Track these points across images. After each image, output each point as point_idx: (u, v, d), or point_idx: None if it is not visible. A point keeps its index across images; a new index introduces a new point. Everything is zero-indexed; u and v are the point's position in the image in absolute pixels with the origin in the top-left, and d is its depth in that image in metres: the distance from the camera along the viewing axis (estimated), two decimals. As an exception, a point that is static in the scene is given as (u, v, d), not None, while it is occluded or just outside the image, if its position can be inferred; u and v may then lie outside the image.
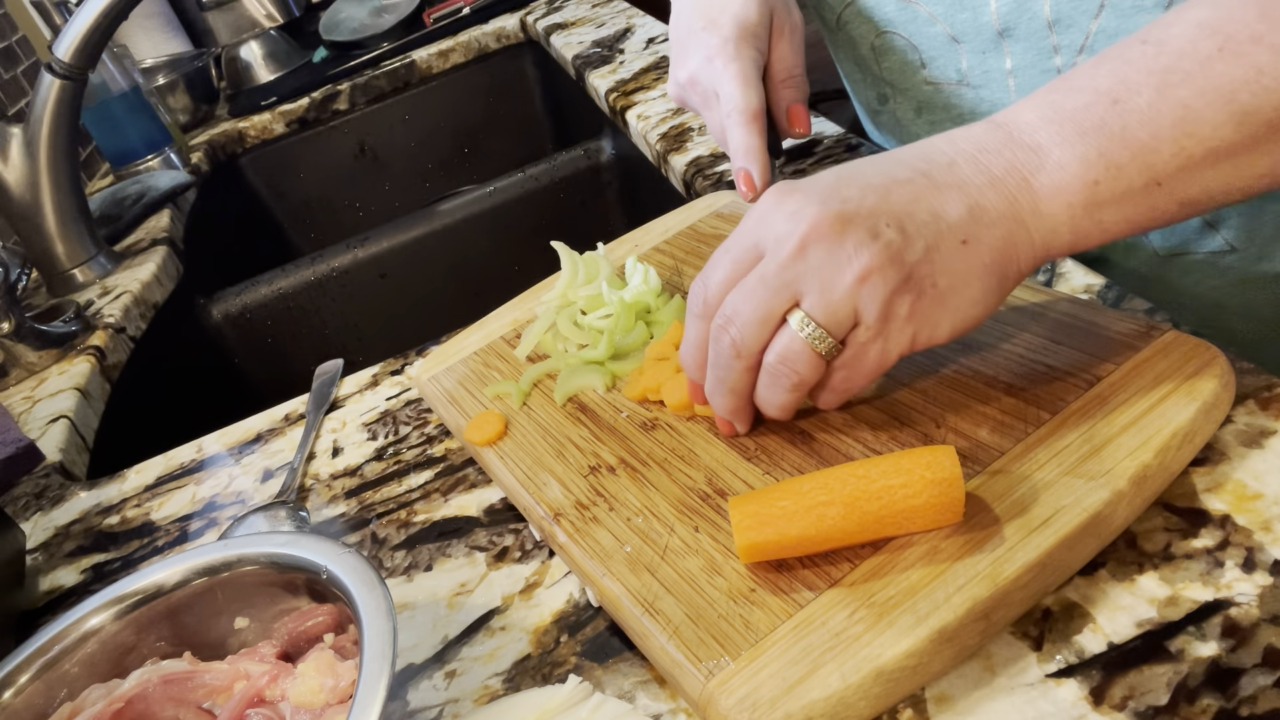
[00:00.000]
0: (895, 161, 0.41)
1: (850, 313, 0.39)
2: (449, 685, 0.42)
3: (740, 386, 0.43)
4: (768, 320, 0.40)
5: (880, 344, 0.40)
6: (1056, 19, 0.55)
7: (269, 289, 1.12)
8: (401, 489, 0.55)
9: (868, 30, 0.66)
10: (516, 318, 0.63)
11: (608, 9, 1.34)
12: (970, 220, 0.39)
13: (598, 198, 1.19)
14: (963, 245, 0.39)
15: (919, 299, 0.39)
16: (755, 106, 0.57)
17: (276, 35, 1.63)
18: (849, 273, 0.38)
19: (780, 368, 0.41)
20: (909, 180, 0.40)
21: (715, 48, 0.59)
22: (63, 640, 0.41)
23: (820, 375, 0.41)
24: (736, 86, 0.57)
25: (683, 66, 0.62)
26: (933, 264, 0.39)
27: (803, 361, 0.40)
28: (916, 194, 0.39)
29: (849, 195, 0.39)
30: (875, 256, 0.38)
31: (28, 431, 0.75)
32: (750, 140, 0.56)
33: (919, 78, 0.65)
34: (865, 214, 0.39)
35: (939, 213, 0.39)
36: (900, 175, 0.40)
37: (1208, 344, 0.41)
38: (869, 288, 0.38)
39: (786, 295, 0.40)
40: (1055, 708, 0.33)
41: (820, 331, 0.39)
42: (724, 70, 0.58)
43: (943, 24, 0.61)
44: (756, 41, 0.60)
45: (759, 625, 0.36)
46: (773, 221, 0.40)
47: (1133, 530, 0.38)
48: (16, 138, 0.95)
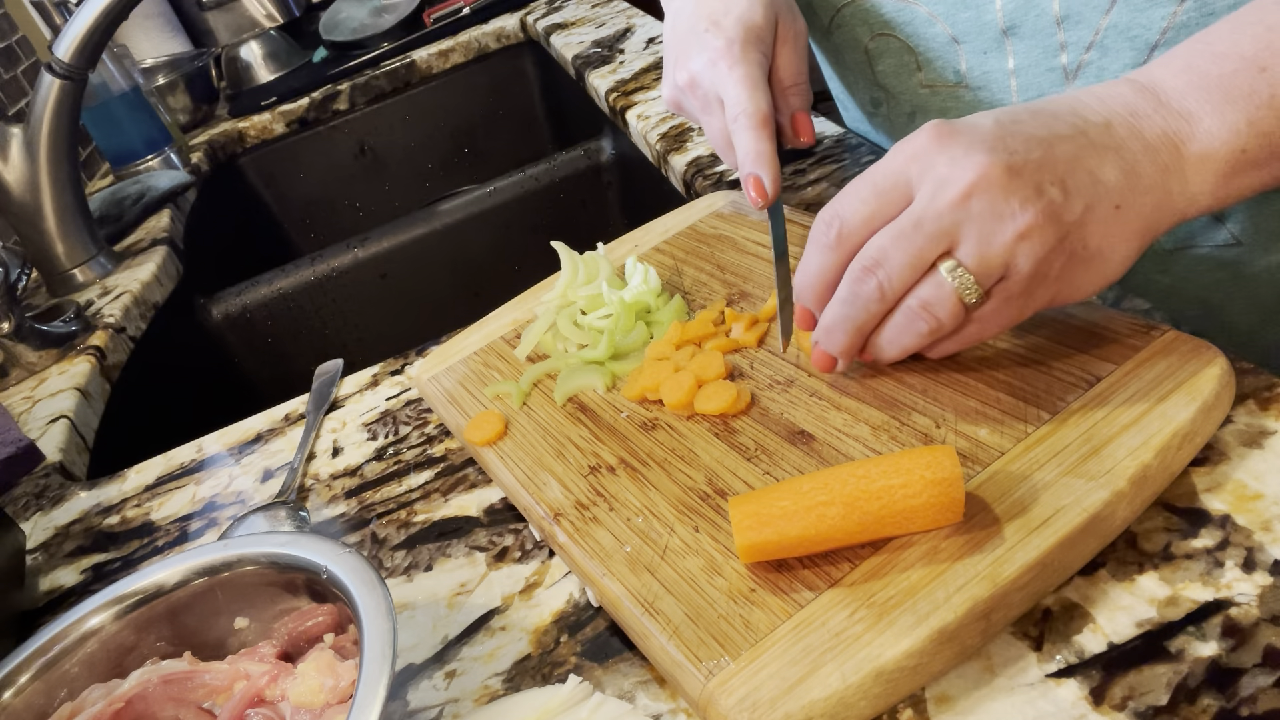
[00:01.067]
0: (1053, 115, 0.40)
1: (1003, 266, 0.39)
2: (449, 685, 0.42)
3: (868, 327, 0.43)
4: (919, 266, 0.40)
5: (1022, 300, 0.40)
6: (1065, 14, 0.55)
7: (269, 289, 1.12)
8: (401, 489, 0.55)
9: (863, 33, 0.66)
10: (516, 318, 0.63)
11: (608, 9, 1.34)
12: (1126, 186, 0.39)
13: (598, 198, 1.19)
14: (1116, 210, 0.39)
15: (1070, 260, 0.39)
16: (765, 111, 0.55)
17: (276, 35, 1.64)
18: (1011, 227, 0.38)
19: (921, 312, 0.41)
20: (1070, 137, 0.39)
21: (719, 50, 0.57)
22: (63, 640, 0.41)
23: (959, 324, 0.41)
24: (744, 90, 0.56)
25: (682, 69, 0.60)
26: (1087, 226, 0.39)
27: (946, 309, 0.40)
28: (1078, 152, 0.39)
29: (1015, 146, 0.39)
30: (1038, 214, 0.38)
31: (28, 431, 0.75)
32: (760, 145, 0.55)
33: (914, 80, 0.65)
34: (1032, 168, 0.38)
35: (1097, 175, 0.39)
36: (1062, 131, 0.40)
37: (1208, 344, 0.41)
38: (1028, 244, 0.38)
39: (943, 242, 0.39)
40: (1055, 708, 0.33)
41: (971, 281, 0.39)
42: (729, 74, 0.56)
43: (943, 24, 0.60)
44: (762, 45, 0.58)
45: (759, 625, 0.36)
46: (933, 162, 0.39)
47: (1133, 530, 0.38)
48: (16, 138, 0.95)
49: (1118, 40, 0.54)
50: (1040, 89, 0.59)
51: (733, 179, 0.76)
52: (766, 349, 0.52)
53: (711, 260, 0.61)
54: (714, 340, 0.53)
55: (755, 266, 0.59)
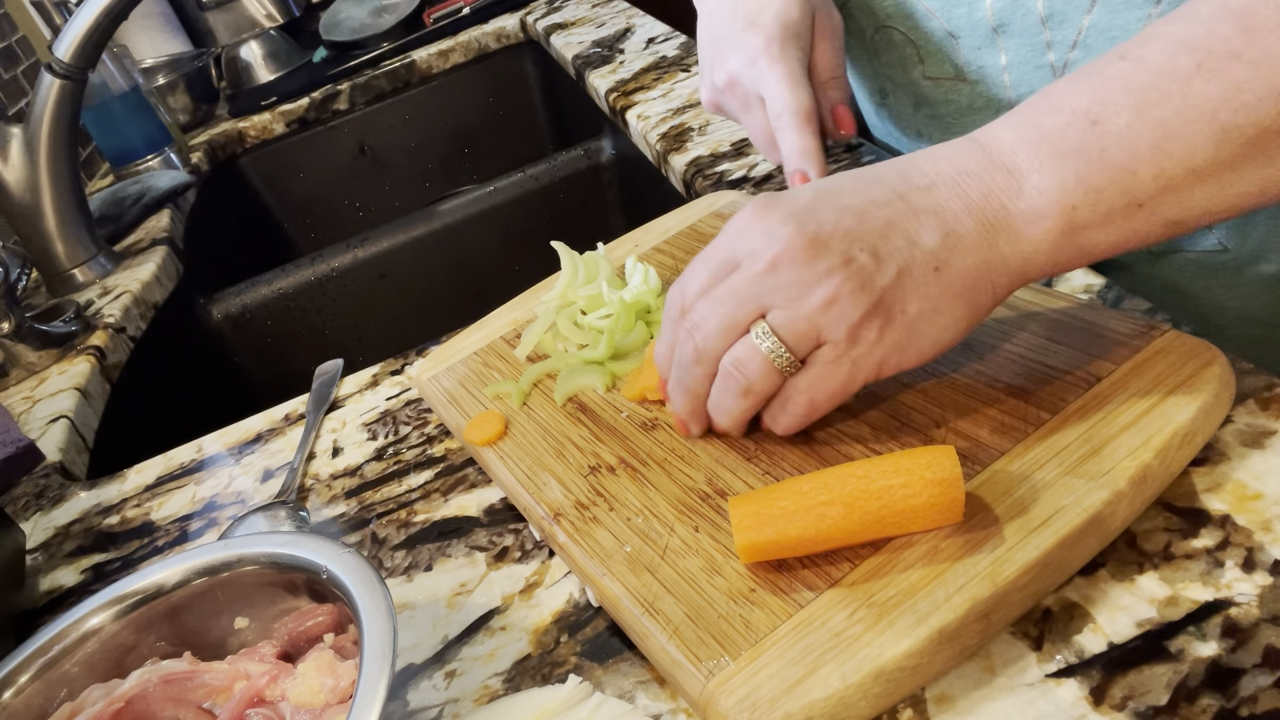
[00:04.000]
0: (876, 180, 0.41)
1: (814, 332, 0.39)
2: (449, 685, 0.42)
3: (698, 390, 0.44)
4: (731, 329, 0.41)
5: (846, 367, 0.40)
6: (1049, 14, 0.55)
7: (269, 289, 1.12)
8: (401, 489, 0.55)
9: (867, 24, 0.66)
10: (516, 318, 0.63)
11: (608, 9, 1.34)
12: (944, 247, 0.39)
13: (598, 198, 1.19)
14: (935, 272, 0.39)
15: (888, 324, 0.39)
16: (808, 107, 0.56)
17: (276, 35, 1.63)
18: (818, 294, 0.38)
19: (733, 371, 0.41)
20: (887, 203, 0.39)
21: (759, 49, 0.57)
22: (63, 640, 0.41)
23: (772, 387, 0.41)
24: (786, 88, 0.56)
25: (720, 69, 0.60)
26: (904, 289, 0.38)
27: (754, 369, 0.41)
28: (892, 218, 0.39)
29: (825, 218, 0.39)
30: (846, 280, 0.38)
31: (28, 431, 0.75)
32: (805, 141, 0.55)
33: (916, 73, 0.65)
34: (840, 237, 0.39)
35: (914, 238, 0.39)
36: (879, 197, 0.40)
37: (1208, 344, 0.41)
38: (837, 309, 0.38)
39: (752, 307, 0.40)
40: (1055, 708, 0.33)
41: (780, 346, 0.40)
42: (770, 71, 0.57)
43: (939, 19, 0.60)
44: (800, 42, 0.58)
45: (759, 625, 0.36)
46: (749, 236, 0.41)
47: (1133, 530, 0.38)
48: (16, 138, 0.95)
49: (1099, 40, 0.54)
50: (1032, 85, 0.59)
51: (733, 179, 0.76)
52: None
53: (711, 260, 0.61)
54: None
55: (755, 266, 0.59)
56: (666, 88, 0.99)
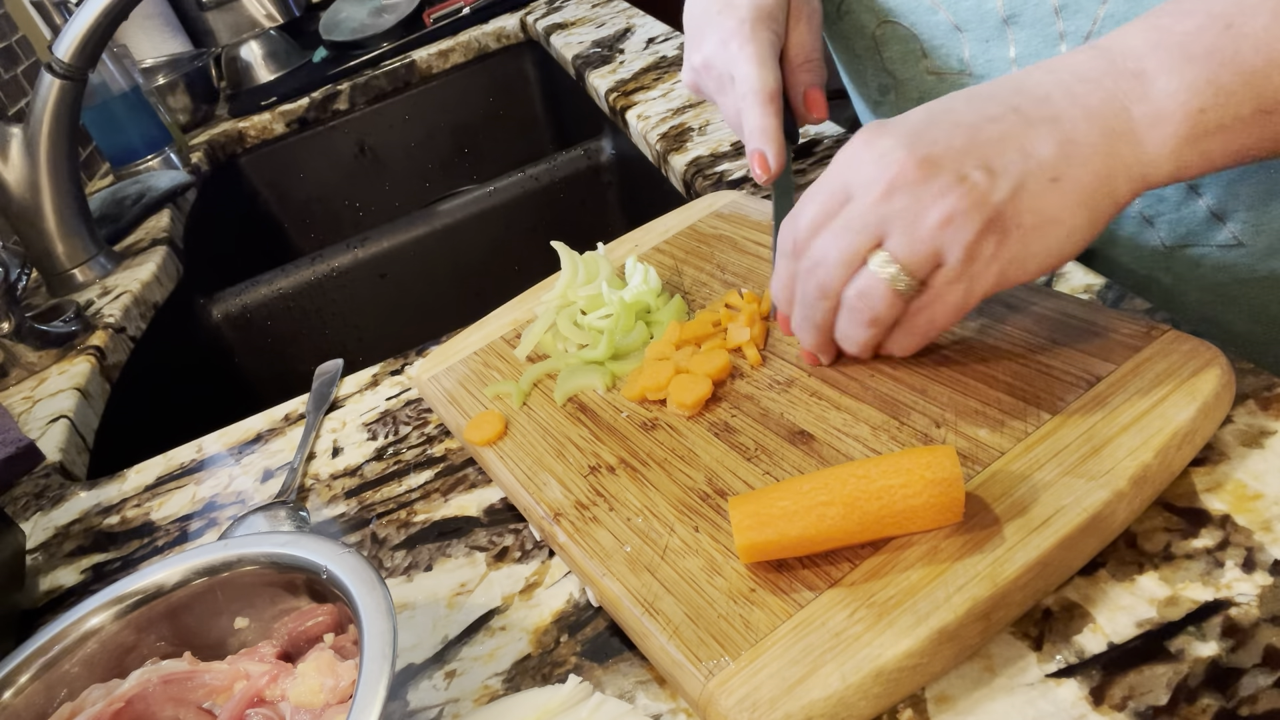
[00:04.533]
0: (989, 97, 0.41)
1: (932, 254, 0.39)
2: (449, 685, 0.42)
3: (825, 323, 0.44)
4: (851, 261, 0.41)
5: (964, 285, 0.40)
6: (1063, 4, 0.55)
7: (269, 289, 1.12)
8: (401, 489, 0.55)
9: (870, 19, 0.66)
10: (516, 318, 0.63)
11: (608, 9, 1.34)
12: (1061, 157, 0.39)
13: (598, 198, 1.19)
14: (1053, 183, 0.39)
15: (1004, 239, 0.39)
16: (771, 87, 0.56)
17: (276, 35, 1.63)
18: (933, 215, 0.39)
19: (858, 303, 0.42)
20: (1000, 117, 0.40)
21: (731, 30, 0.58)
22: (63, 640, 0.41)
23: (897, 313, 0.42)
24: (752, 67, 0.56)
25: (697, 51, 0.61)
26: (1020, 203, 0.39)
27: (879, 298, 0.41)
28: (1006, 131, 0.39)
29: (936, 136, 0.39)
30: (960, 199, 0.38)
31: (28, 431, 0.75)
32: (766, 121, 0.56)
33: (921, 67, 0.65)
34: (952, 155, 0.39)
35: (1028, 150, 0.39)
36: (992, 111, 0.40)
37: (1208, 344, 0.41)
38: (953, 230, 0.39)
39: (870, 236, 0.40)
40: (1055, 708, 0.33)
41: (900, 271, 0.40)
42: (739, 52, 0.57)
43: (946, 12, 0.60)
44: (774, 24, 0.59)
45: (759, 625, 0.36)
46: (860, 164, 0.41)
47: (1133, 530, 0.38)
48: (16, 138, 0.95)
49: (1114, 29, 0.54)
50: None
51: (733, 179, 0.76)
52: (767, 349, 0.52)
53: (711, 260, 0.61)
54: (713, 341, 0.53)
55: (755, 266, 0.59)
56: (666, 88, 0.99)
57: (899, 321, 0.43)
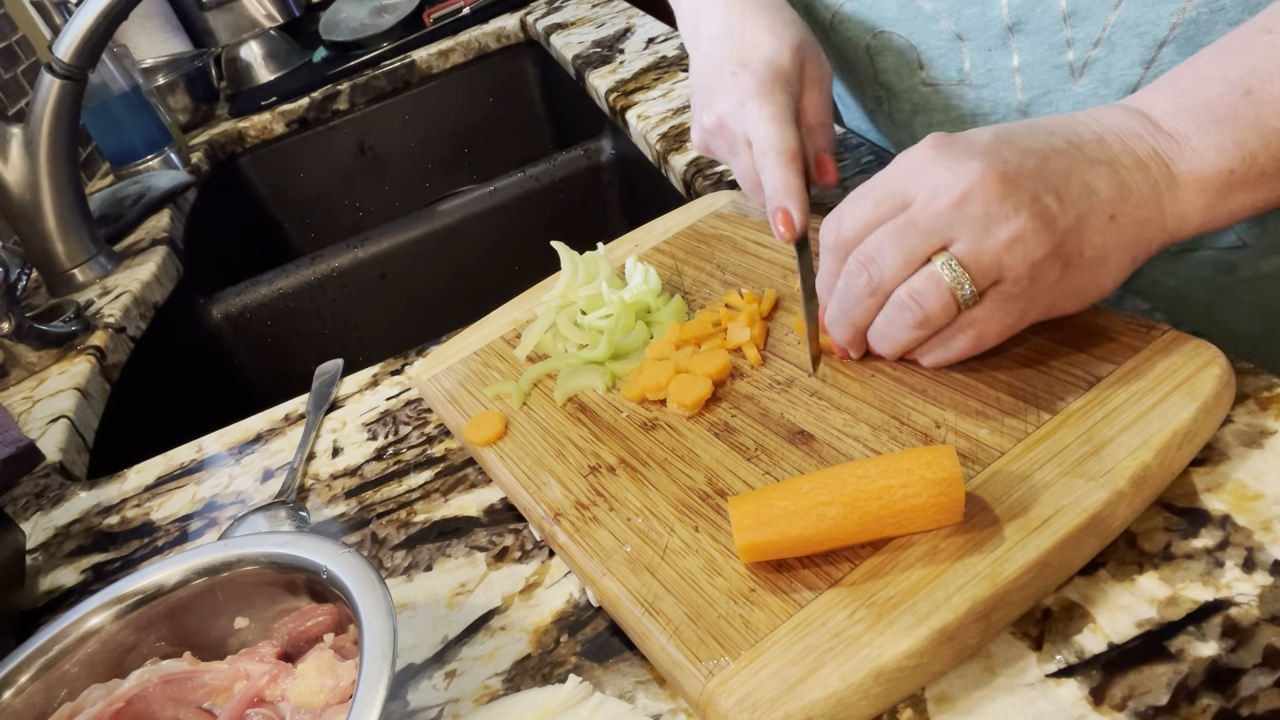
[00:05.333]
0: (1048, 131, 0.42)
1: (996, 267, 0.40)
2: (449, 685, 0.42)
3: (864, 322, 0.44)
4: (912, 260, 0.41)
5: (1020, 305, 0.41)
6: (1073, 11, 0.55)
7: (269, 289, 1.12)
8: (401, 489, 0.55)
9: (863, 31, 0.66)
10: (516, 318, 0.63)
11: (608, 9, 1.34)
12: (1119, 198, 0.40)
13: (598, 198, 1.19)
14: (1111, 220, 0.40)
15: (1067, 267, 0.40)
16: (793, 147, 0.55)
17: (276, 35, 1.63)
18: (1005, 230, 0.39)
19: (909, 301, 0.42)
20: (1065, 151, 0.41)
21: (748, 91, 0.57)
22: (63, 640, 0.41)
23: (948, 319, 0.42)
24: (773, 127, 0.56)
25: (709, 110, 0.60)
26: (1082, 235, 0.40)
27: (935, 299, 0.41)
28: (1072, 165, 0.40)
29: (1010, 157, 0.40)
30: (1032, 219, 0.39)
31: (28, 431, 0.75)
32: (789, 179, 0.54)
33: (916, 79, 0.65)
34: (1027, 176, 0.40)
35: (1092, 187, 0.40)
36: (1057, 144, 0.41)
37: (1208, 344, 0.41)
38: (1021, 248, 0.39)
39: (936, 239, 0.41)
40: (1055, 708, 0.33)
41: (964, 276, 0.40)
42: (758, 113, 0.56)
43: (947, 20, 0.60)
44: (790, 87, 0.58)
45: (759, 625, 0.36)
46: (930, 172, 0.41)
47: (1133, 530, 0.38)
48: (16, 138, 0.95)
49: (1125, 36, 0.54)
50: (1045, 86, 0.58)
51: (733, 179, 0.76)
52: (767, 349, 0.52)
53: (711, 260, 0.61)
54: (713, 341, 0.53)
55: (755, 266, 0.59)
56: (666, 88, 0.99)
57: (941, 331, 0.43)
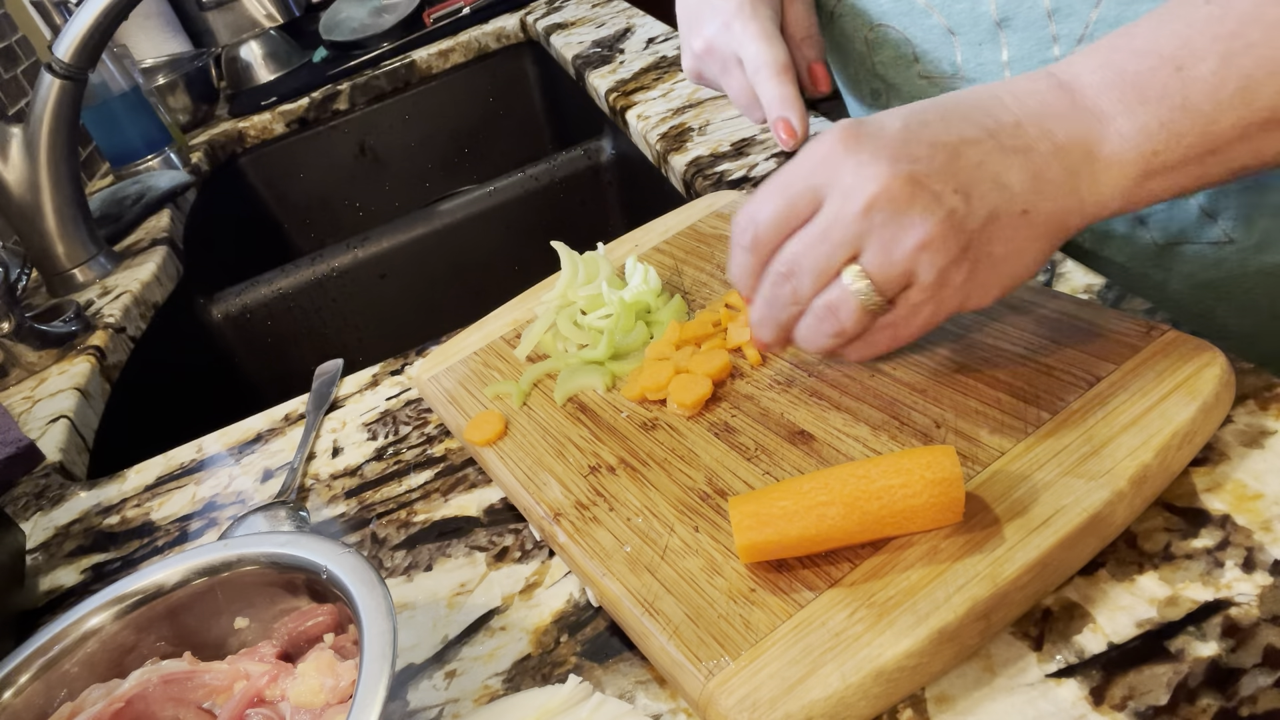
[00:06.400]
0: (963, 116, 0.41)
1: (905, 275, 0.40)
2: (449, 685, 0.42)
3: (789, 325, 0.44)
4: (826, 272, 0.41)
5: (931, 306, 0.41)
6: (1056, 8, 0.55)
7: (269, 289, 1.12)
8: (401, 489, 0.55)
9: (861, 24, 0.66)
10: (516, 318, 0.63)
11: (608, 9, 1.34)
12: (1032, 190, 0.39)
13: (598, 198, 1.19)
14: (1023, 215, 0.39)
15: (975, 266, 0.40)
16: (783, 60, 0.56)
17: (276, 35, 1.63)
18: (911, 238, 0.39)
19: (826, 314, 0.42)
20: (977, 141, 0.40)
21: (731, 11, 0.58)
22: (63, 640, 0.41)
23: (863, 328, 0.42)
24: (761, 44, 0.57)
25: (697, 36, 0.61)
26: (992, 233, 0.39)
27: (848, 313, 0.41)
28: (983, 158, 0.39)
29: (919, 154, 0.39)
30: (939, 224, 0.38)
31: (28, 431, 0.75)
32: (784, 90, 0.55)
33: (912, 72, 0.65)
34: (934, 177, 0.39)
35: (1003, 180, 0.39)
36: (969, 134, 0.40)
37: (1208, 344, 0.41)
38: (929, 254, 0.39)
39: (847, 250, 0.40)
40: (1055, 708, 0.33)
41: (870, 288, 0.40)
42: (744, 31, 0.57)
43: (939, 15, 0.60)
44: (771, 2, 0.59)
45: (759, 625, 0.36)
46: (839, 171, 0.40)
47: (1133, 530, 0.38)
48: (16, 138, 0.95)
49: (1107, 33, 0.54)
50: None
51: (733, 179, 0.76)
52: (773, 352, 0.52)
53: (711, 260, 0.61)
54: (712, 341, 0.53)
55: (755, 266, 0.59)
56: (666, 88, 0.99)
57: (862, 334, 0.43)
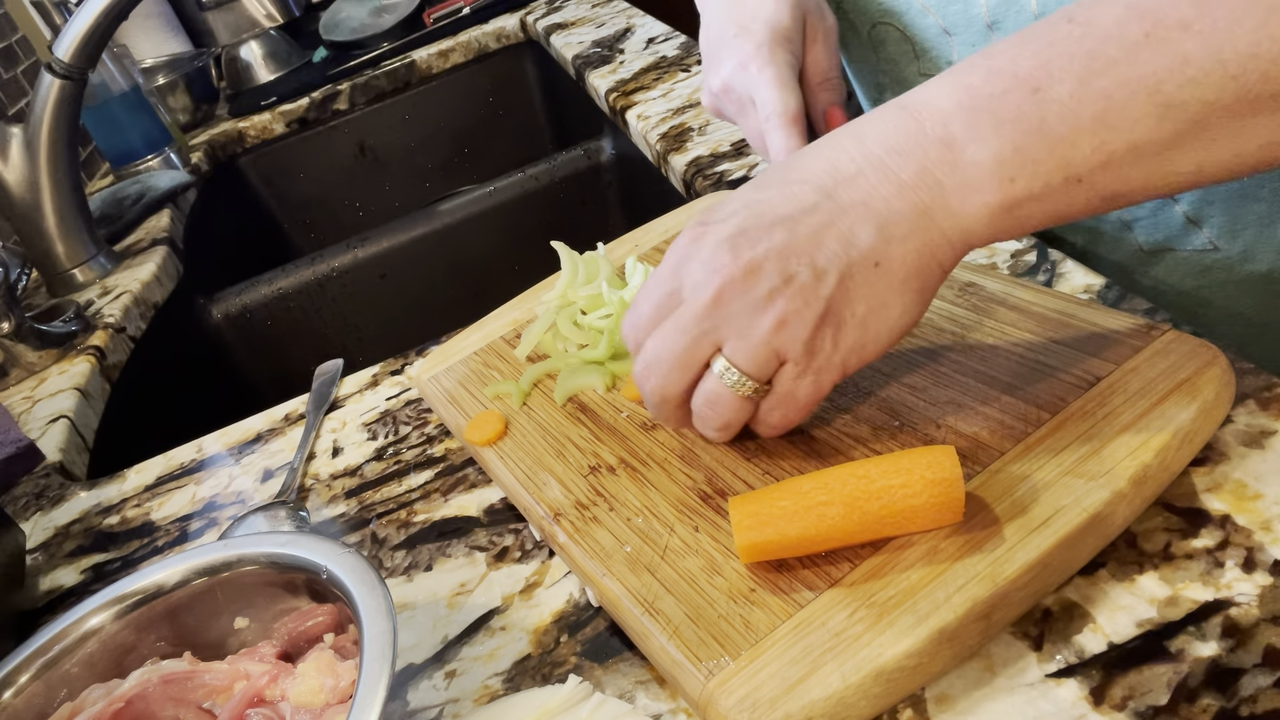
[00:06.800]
0: (801, 181, 0.40)
1: (771, 356, 0.39)
2: (449, 685, 0.42)
3: (677, 418, 0.44)
4: (688, 366, 0.41)
5: (811, 379, 0.40)
6: (1042, 11, 0.55)
7: (269, 289, 1.12)
8: (401, 489, 0.55)
9: (864, 20, 0.66)
10: (516, 318, 0.63)
11: (608, 9, 1.34)
12: (880, 241, 0.38)
13: (598, 198, 1.19)
14: (876, 268, 0.38)
15: (840, 330, 0.39)
16: (794, 109, 0.56)
17: (276, 35, 1.63)
18: (766, 319, 0.38)
19: (706, 411, 0.42)
20: (815, 207, 0.39)
21: (749, 54, 0.58)
22: (63, 640, 0.41)
23: (747, 416, 0.42)
24: (774, 90, 0.56)
25: (715, 74, 0.61)
26: (848, 293, 0.38)
27: (726, 405, 0.41)
28: (823, 223, 0.39)
29: (758, 237, 0.39)
30: (790, 300, 0.38)
31: (28, 431, 0.75)
32: (791, 143, 0.55)
33: (913, 69, 0.65)
34: (774, 256, 0.38)
35: (848, 239, 0.38)
36: (806, 201, 0.39)
37: (1208, 344, 0.41)
38: (788, 331, 0.38)
39: (707, 343, 0.40)
40: (1055, 708, 0.33)
41: (742, 377, 0.40)
42: (759, 75, 0.57)
43: (935, 15, 0.61)
44: (790, 45, 0.59)
45: (759, 625, 0.36)
46: (689, 269, 0.40)
47: (1133, 530, 0.38)
48: (16, 138, 0.95)
49: None
50: None
51: (733, 179, 0.76)
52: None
53: (711, 260, 0.61)
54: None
55: (755, 266, 0.59)
56: (666, 88, 0.99)
57: (754, 416, 0.42)
